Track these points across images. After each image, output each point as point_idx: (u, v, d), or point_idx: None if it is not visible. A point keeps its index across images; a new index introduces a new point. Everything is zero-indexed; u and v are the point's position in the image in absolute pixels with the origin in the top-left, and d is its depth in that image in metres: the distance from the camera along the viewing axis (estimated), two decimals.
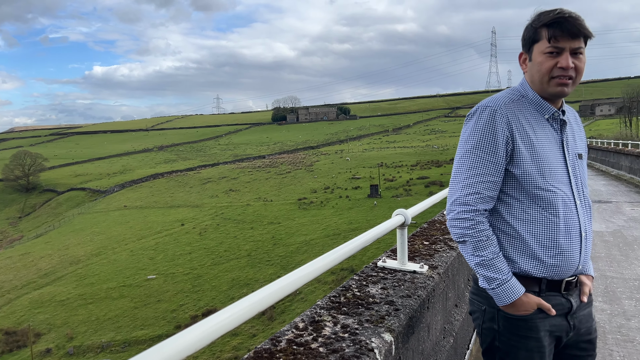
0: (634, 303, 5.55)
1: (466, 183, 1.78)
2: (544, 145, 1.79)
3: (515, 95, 1.86)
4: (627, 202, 13.58)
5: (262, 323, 29.83)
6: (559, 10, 1.72)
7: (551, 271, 1.78)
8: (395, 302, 2.19)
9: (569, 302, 1.83)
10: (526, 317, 1.78)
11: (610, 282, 6.34)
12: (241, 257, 46.08)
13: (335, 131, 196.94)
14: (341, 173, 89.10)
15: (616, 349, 4.39)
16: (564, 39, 1.71)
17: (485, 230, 1.78)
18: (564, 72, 1.74)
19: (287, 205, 68.15)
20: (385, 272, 2.66)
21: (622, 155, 21.89)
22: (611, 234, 9.28)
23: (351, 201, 65.11)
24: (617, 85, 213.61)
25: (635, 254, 7.72)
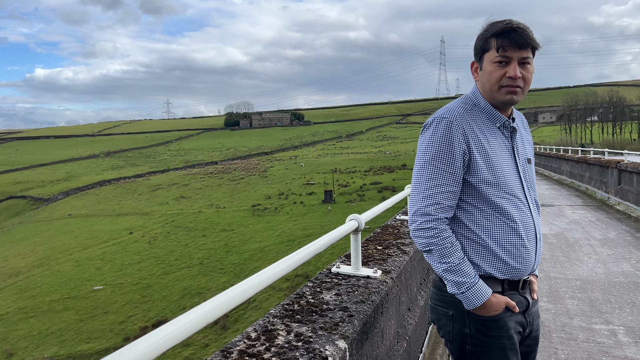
0: (576, 302, 5.78)
1: (426, 194, 1.82)
2: (497, 153, 1.85)
3: (468, 104, 1.90)
4: (569, 205, 14.23)
5: (214, 332, 29.27)
6: (508, 21, 1.78)
7: (512, 272, 1.85)
8: (350, 308, 2.16)
9: (526, 299, 1.91)
10: (496, 317, 1.83)
11: (554, 283, 6.58)
12: (193, 266, 45.10)
13: (289, 137, 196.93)
14: (295, 179, 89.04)
15: (560, 347, 4.55)
16: (511, 49, 1.77)
17: (449, 237, 1.82)
18: (512, 81, 1.79)
19: (240, 212, 67.38)
20: (339, 278, 2.63)
21: (563, 161, 22.96)
22: (554, 236, 9.68)
23: (306, 207, 65.13)
24: (557, 94, 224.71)
25: (577, 255, 8.07)
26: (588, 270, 7.12)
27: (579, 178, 19.01)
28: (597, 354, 4.37)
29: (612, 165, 13.94)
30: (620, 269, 7.16)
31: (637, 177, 11.96)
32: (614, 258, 7.80)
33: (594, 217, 11.93)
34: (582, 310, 5.52)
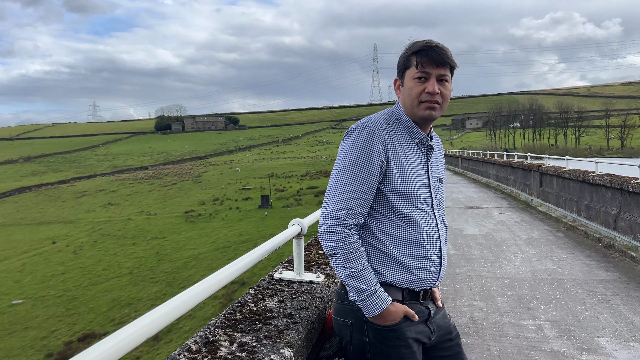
0: (506, 300, 6.04)
1: (339, 199, 1.84)
2: (412, 168, 1.93)
3: (391, 117, 1.97)
4: (496, 207, 14.94)
5: (146, 344, 28.13)
6: (428, 41, 1.89)
7: (414, 283, 1.91)
8: (294, 314, 2.11)
9: (427, 309, 1.97)
10: (394, 326, 1.86)
11: (485, 282, 6.85)
12: (122, 276, 43.21)
13: (224, 141, 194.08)
14: (231, 184, 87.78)
15: (493, 344, 4.72)
16: (430, 66, 1.85)
17: (355, 242, 1.84)
18: (431, 96, 1.87)
19: (172, 219, 65.43)
20: (282, 284, 2.58)
21: (489, 165, 24.12)
22: (484, 237, 10.10)
23: (242, 212, 64.33)
24: (483, 101, 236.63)
25: (505, 255, 8.46)
26: (515, 269, 7.48)
27: (504, 181, 20.03)
28: (526, 348, 4.58)
29: (535, 168, 14.81)
30: (544, 266, 7.58)
31: (556, 180, 12.77)
32: (538, 256, 8.25)
33: (519, 218, 12.59)
34: (511, 307, 5.77)
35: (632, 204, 8.28)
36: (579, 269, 7.41)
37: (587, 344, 4.63)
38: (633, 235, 8.11)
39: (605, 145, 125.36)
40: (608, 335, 4.82)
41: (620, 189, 8.69)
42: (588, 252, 8.46)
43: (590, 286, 6.49)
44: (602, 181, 9.45)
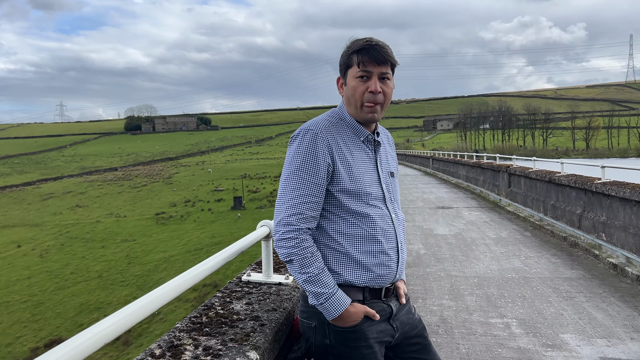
0: (475, 299, 6.14)
1: (290, 204, 1.85)
2: (359, 165, 1.94)
3: (335, 118, 1.99)
4: (466, 207, 15.18)
5: (116, 349, 27.58)
6: (368, 39, 1.90)
7: (374, 281, 1.91)
8: (261, 317, 2.09)
9: (390, 307, 1.97)
10: (355, 327, 1.86)
11: (454, 281, 6.95)
12: (91, 279, 42.27)
13: (196, 142, 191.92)
14: (203, 185, 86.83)
15: (462, 342, 4.79)
16: (371, 65, 1.87)
17: (310, 247, 1.84)
18: (373, 95, 1.89)
19: (143, 221, 64.32)
20: (250, 286, 2.55)
21: (460, 165, 24.50)
22: (454, 237, 10.25)
23: (214, 214, 63.72)
24: (454, 103, 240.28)
25: (474, 254, 8.60)
26: (484, 268, 7.61)
27: (474, 181, 20.37)
28: (493, 346, 4.66)
29: (503, 169, 15.11)
30: (512, 265, 7.74)
31: (524, 180, 13.06)
32: (506, 255, 8.41)
33: (488, 217, 12.83)
34: (480, 305, 5.87)
35: (595, 204, 8.53)
36: (545, 267, 7.59)
37: (552, 341, 4.74)
38: (596, 234, 8.35)
39: (572, 146, 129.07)
40: (572, 332, 4.95)
41: (584, 189, 8.94)
42: (554, 251, 8.68)
43: (556, 284, 6.66)
44: (567, 181, 9.70)
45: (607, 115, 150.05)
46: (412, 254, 8.75)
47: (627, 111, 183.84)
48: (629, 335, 4.82)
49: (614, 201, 7.79)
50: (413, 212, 14.41)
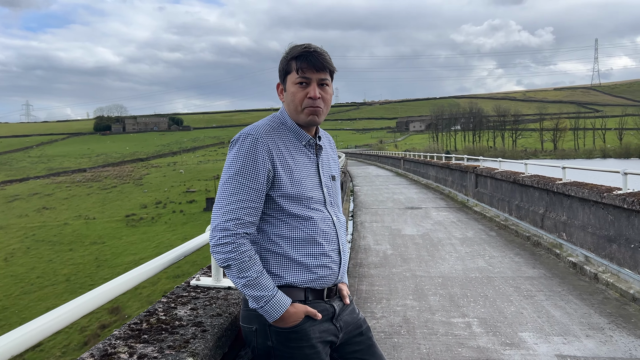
0: (438, 298, 6.19)
1: (227, 209, 1.83)
2: (300, 169, 1.95)
3: (276, 122, 1.99)
4: (434, 207, 15.35)
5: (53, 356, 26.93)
6: (306, 45, 1.91)
7: (315, 282, 1.93)
8: (204, 322, 2.04)
9: (332, 307, 1.99)
10: (296, 327, 1.87)
11: (419, 281, 7.00)
12: (58, 283, 41.22)
13: (167, 142, 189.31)
14: (174, 186, 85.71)
15: (423, 342, 4.82)
16: (310, 71, 1.89)
17: (247, 251, 1.83)
18: (313, 102, 1.91)
19: (112, 223, 63.09)
20: (198, 290, 2.50)
21: (429, 166, 24.78)
22: (421, 237, 10.34)
23: (186, 215, 62.95)
24: (426, 105, 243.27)
25: (440, 254, 8.69)
26: (449, 268, 7.69)
27: (443, 182, 20.63)
28: (454, 345, 4.70)
29: (470, 170, 15.34)
30: (476, 265, 7.85)
31: (490, 181, 13.28)
32: (471, 255, 8.53)
33: (455, 218, 12.99)
34: (443, 305, 5.92)
35: (557, 204, 8.72)
36: (508, 266, 7.72)
37: (510, 339, 4.81)
38: (557, 233, 8.54)
39: (540, 147, 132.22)
40: (531, 330, 5.03)
41: (546, 189, 9.14)
42: (517, 250, 8.84)
43: (518, 283, 6.77)
44: (530, 182, 9.90)
45: (573, 117, 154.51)
46: (379, 255, 8.79)
47: (592, 113, 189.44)
48: (584, 332, 4.93)
49: (574, 201, 7.98)
50: (383, 212, 14.49)
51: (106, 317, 32.88)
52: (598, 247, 7.06)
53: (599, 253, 7.03)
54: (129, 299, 34.39)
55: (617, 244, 6.53)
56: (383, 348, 4.68)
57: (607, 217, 6.92)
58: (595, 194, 7.09)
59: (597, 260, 7.02)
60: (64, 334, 30.74)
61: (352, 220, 13.39)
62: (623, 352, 4.45)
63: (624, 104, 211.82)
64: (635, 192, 6.44)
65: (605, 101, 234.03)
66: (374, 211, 14.91)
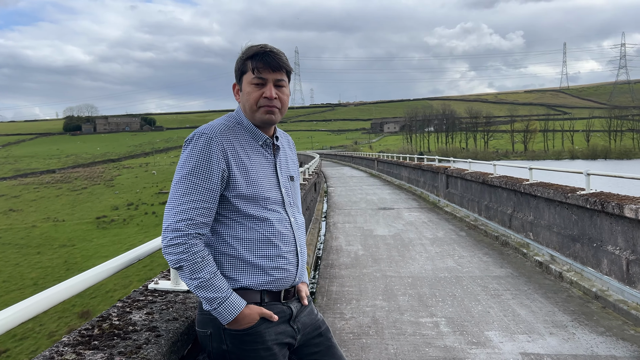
0: (407, 298, 6.23)
1: (179, 210, 1.79)
2: (257, 170, 1.92)
3: (232, 122, 1.96)
4: (406, 208, 15.48)
5: None
6: (262, 46, 1.91)
7: (272, 284, 1.90)
8: (159, 327, 1.99)
9: (290, 308, 1.96)
10: (251, 329, 1.84)
11: (389, 281, 7.03)
12: (25, 287, 40.04)
13: (140, 143, 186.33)
14: (147, 187, 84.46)
15: (391, 342, 4.83)
16: (266, 71, 1.88)
17: (200, 251, 1.80)
18: (269, 101, 1.89)
19: (83, 225, 61.76)
20: (156, 294, 2.44)
21: (402, 167, 24.98)
22: (392, 237, 10.40)
23: (158, 217, 61.92)
24: (400, 106, 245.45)
25: (410, 254, 8.75)
26: (419, 268, 7.76)
27: (415, 183, 20.83)
28: (421, 345, 4.73)
29: (442, 171, 15.52)
30: (445, 264, 7.93)
31: (460, 182, 13.45)
32: (441, 255, 8.62)
33: (426, 218, 13.12)
34: (411, 305, 5.96)
35: (524, 204, 8.88)
36: (477, 266, 7.82)
37: (477, 338, 4.87)
38: (525, 233, 8.70)
39: (511, 148, 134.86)
40: (497, 329, 5.10)
41: (514, 190, 9.30)
42: (486, 250, 8.97)
43: (485, 282, 6.87)
44: (499, 183, 10.06)
45: (543, 119, 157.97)
46: (350, 256, 8.81)
47: (561, 115, 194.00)
48: (548, 330, 5.02)
49: (540, 201, 8.14)
50: (355, 213, 14.54)
51: (75, 321, 32.12)
52: (563, 246, 7.22)
53: (563, 252, 7.19)
54: (100, 303, 33.69)
55: (581, 243, 6.68)
56: (351, 349, 4.68)
57: (571, 217, 7.07)
58: (560, 195, 7.25)
59: (562, 259, 7.18)
60: (32, 339, 29.95)
61: (325, 221, 13.39)
62: (585, 349, 4.55)
63: (591, 107, 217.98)
64: (597, 192, 6.60)
65: (573, 104, 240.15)
66: (347, 212, 14.94)
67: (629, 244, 5.63)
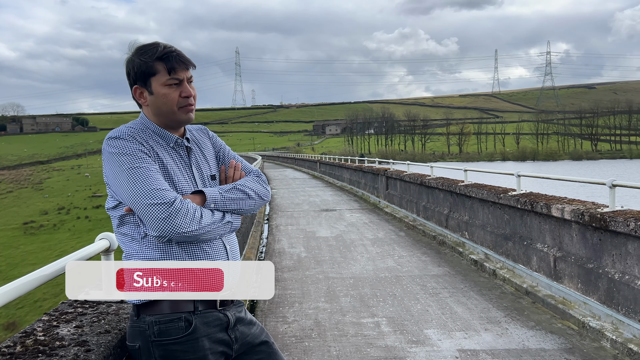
0: (349, 300, 6.28)
1: (150, 194, 1.73)
2: (176, 172, 1.87)
3: (140, 126, 1.91)
4: (348, 209, 15.65)
5: None
6: (167, 45, 1.88)
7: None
8: (89, 341, 1.88)
9: (226, 316, 1.90)
10: (181, 339, 1.77)
11: (332, 283, 7.06)
12: None
13: (71, 144, 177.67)
14: (79, 191, 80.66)
15: (333, 344, 4.85)
16: (180, 71, 1.86)
17: (186, 202, 1.78)
18: (187, 100, 1.88)
19: (8, 231, 58.08)
20: (86, 305, 2.31)
21: (344, 169, 25.27)
22: (334, 239, 10.48)
23: (92, 222, 59.33)
24: (341, 109, 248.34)
25: (352, 255, 8.84)
26: (360, 269, 7.85)
27: (357, 184, 21.12)
28: (363, 346, 4.78)
29: (382, 172, 15.82)
30: (386, 265, 8.07)
31: (399, 183, 13.77)
32: (382, 255, 8.77)
33: (367, 219, 13.33)
34: (353, 306, 6.02)
35: (460, 204, 9.21)
36: (416, 265, 8.02)
37: (416, 337, 4.98)
38: (460, 232, 9.02)
39: (447, 150, 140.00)
40: (435, 327, 5.24)
41: (450, 191, 9.62)
42: (424, 250, 9.22)
43: (424, 281, 7.05)
44: (435, 184, 10.38)
45: (476, 122, 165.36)
46: (293, 258, 8.78)
47: (493, 119, 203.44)
48: (483, 326, 5.21)
49: (475, 202, 8.46)
50: (298, 215, 14.54)
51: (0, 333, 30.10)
52: (496, 244, 7.54)
53: (497, 250, 7.51)
54: (27, 313, 31.75)
55: (513, 242, 7.00)
56: (294, 353, 4.66)
57: (503, 217, 7.40)
58: (493, 195, 7.57)
59: (495, 257, 7.49)
60: None
61: (268, 223, 13.30)
62: (517, 343, 4.76)
63: (521, 111, 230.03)
64: (527, 193, 6.95)
65: (504, 108, 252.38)
66: (290, 214, 14.91)
67: (556, 242, 5.96)
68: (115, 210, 1.86)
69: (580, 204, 5.60)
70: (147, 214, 1.71)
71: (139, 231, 1.80)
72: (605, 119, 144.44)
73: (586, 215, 5.18)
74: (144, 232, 1.79)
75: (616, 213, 4.86)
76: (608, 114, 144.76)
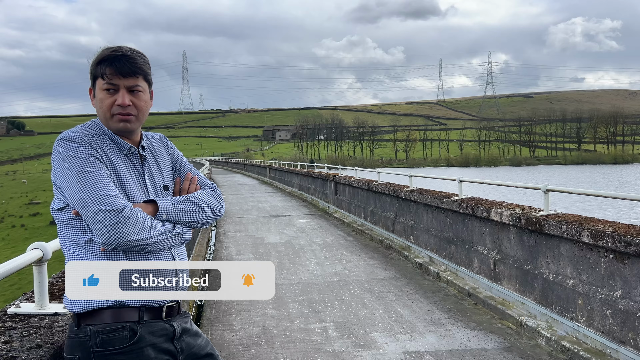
0: (297, 305, 6.28)
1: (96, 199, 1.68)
2: (128, 181, 1.82)
3: (95, 129, 1.84)
4: (297, 215, 15.66)
5: None
6: (115, 49, 1.78)
7: (151, 301, 1.79)
8: (19, 357, 1.79)
9: (172, 327, 1.86)
10: (125, 349, 1.71)
11: (280, 290, 7.02)
12: None
13: (6, 149, 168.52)
14: (14, 198, 76.43)
15: (281, 351, 4.83)
16: (117, 77, 1.76)
17: (137, 211, 1.74)
18: (122, 109, 1.78)
19: None
20: (17, 320, 2.20)
21: (294, 175, 25.28)
22: (283, 245, 10.45)
23: (28, 231, 56.33)
24: (291, 115, 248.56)
25: (301, 261, 8.85)
26: (309, 274, 7.86)
27: (306, 190, 21.17)
28: (311, 352, 4.78)
29: (331, 178, 15.95)
30: (334, 269, 8.13)
31: (348, 188, 13.93)
32: (330, 260, 8.82)
33: (317, 224, 13.38)
34: (301, 312, 6.01)
35: (405, 209, 9.42)
36: (363, 269, 8.12)
37: (363, 341, 5.04)
38: (406, 236, 9.22)
39: (394, 156, 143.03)
40: (381, 330, 5.32)
41: (396, 196, 9.82)
42: (372, 254, 9.35)
43: (371, 285, 7.15)
44: (382, 189, 10.57)
45: (422, 129, 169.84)
46: None
47: (438, 126, 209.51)
48: (428, 328, 5.34)
49: (420, 207, 8.68)
50: (247, 221, 14.40)
51: None
52: (440, 248, 7.75)
53: (440, 254, 7.72)
54: None
55: (455, 245, 7.23)
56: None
57: (446, 221, 7.63)
58: (436, 200, 7.79)
59: (439, 260, 7.70)
60: None
61: (215, 230, 13.09)
62: (459, 344, 4.90)
63: (464, 118, 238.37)
64: (469, 197, 7.20)
65: (448, 115, 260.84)
66: (239, 220, 14.75)
67: (496, 245, 6.21)
68: (61, 212, 1.77)
69: (517, 208, 5.85)
70: (95, 220, 1.65)
71: (84, 237, 1.73)
72: (542, 127, 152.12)
73: (523, 218, 5.42)
74: (89, 237, 1.72)
75: (550, 216, 5.12)
76: (545, 122, 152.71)
